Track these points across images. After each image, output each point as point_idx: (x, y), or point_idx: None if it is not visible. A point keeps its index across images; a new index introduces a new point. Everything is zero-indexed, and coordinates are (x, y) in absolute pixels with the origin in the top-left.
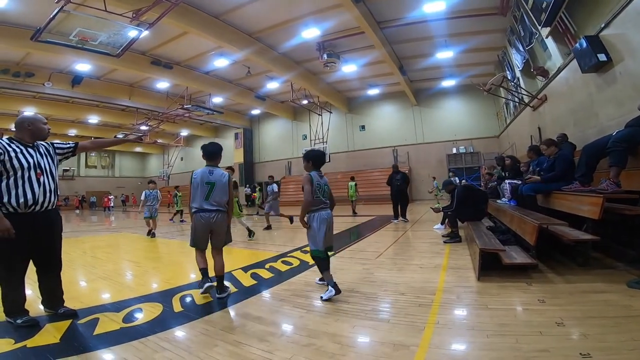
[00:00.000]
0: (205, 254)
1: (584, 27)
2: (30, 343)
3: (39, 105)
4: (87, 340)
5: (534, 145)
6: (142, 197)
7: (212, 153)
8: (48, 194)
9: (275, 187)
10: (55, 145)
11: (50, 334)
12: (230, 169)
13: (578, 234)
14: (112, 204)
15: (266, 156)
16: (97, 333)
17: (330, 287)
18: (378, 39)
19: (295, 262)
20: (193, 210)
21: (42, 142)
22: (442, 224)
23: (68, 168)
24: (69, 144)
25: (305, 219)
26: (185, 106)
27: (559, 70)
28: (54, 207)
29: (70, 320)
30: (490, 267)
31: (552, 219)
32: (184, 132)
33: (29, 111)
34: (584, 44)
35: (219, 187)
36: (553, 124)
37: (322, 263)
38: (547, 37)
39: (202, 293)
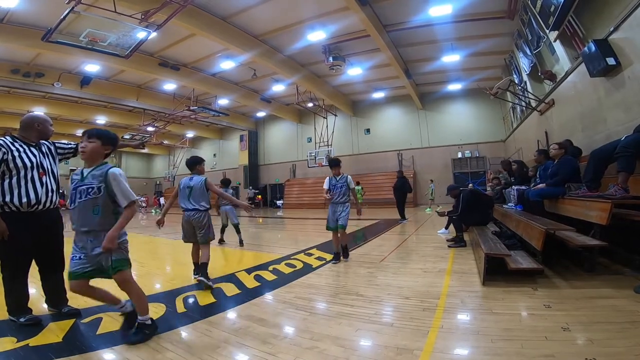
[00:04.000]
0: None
1: (593, 31)
2: (32, 342)
3: (48, 105)
4: (89, 339)
5: (542, 148)
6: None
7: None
8: (50, 194)
9: None
10: (57, 144)
11: (53, 333)
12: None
13: (585, 240)
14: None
15: (271, 158)
16: (100, 333)
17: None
18: (384, 42)
19: (299, 265)
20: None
21: (45, 142)
22: (446, 228)
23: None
24: (70, 144)
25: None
26: (191, 108)
27: (567, 74)
28: (55, 206)
29: (74, 320)
30: (496, 271)
31: (559, 224)
32: (190, 134)
33: (38, 111)
34: (593, 48)
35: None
36: (560, 128)
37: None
38: (555, 41)
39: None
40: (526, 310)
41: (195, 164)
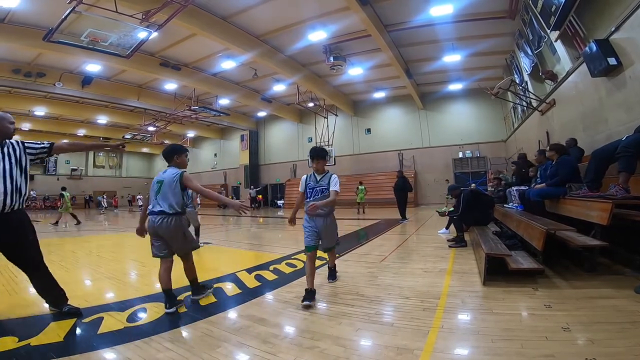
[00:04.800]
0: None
1: (594, 31)
2: (34, 341)
3: (49, 105)
4: (90, 339)
5: (543, 149)
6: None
7: (166, 153)
8: (2, 197)
9: None
10: (26, 145)
11: (54, 333)
12: None
13: (586, 240)
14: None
15: (272, 158)
16: (100, 332)
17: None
18: (384, 42)
19: (300, 265)
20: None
21: (11, 141)
22: (447, 228)
23: (76, 167)
24: (42, 144)
25: None
26: (192, 107)
27: (568, 74)
28: (12, 209)
29: (75, 319)
30: (496, 272)
31: (560, 224)
32: (191, 134)
33: (39, 111)
34: (594, 48)
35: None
36: (562, 128)
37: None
38: (556, 41)
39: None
40: (526, 310)
41: (173, 152)
